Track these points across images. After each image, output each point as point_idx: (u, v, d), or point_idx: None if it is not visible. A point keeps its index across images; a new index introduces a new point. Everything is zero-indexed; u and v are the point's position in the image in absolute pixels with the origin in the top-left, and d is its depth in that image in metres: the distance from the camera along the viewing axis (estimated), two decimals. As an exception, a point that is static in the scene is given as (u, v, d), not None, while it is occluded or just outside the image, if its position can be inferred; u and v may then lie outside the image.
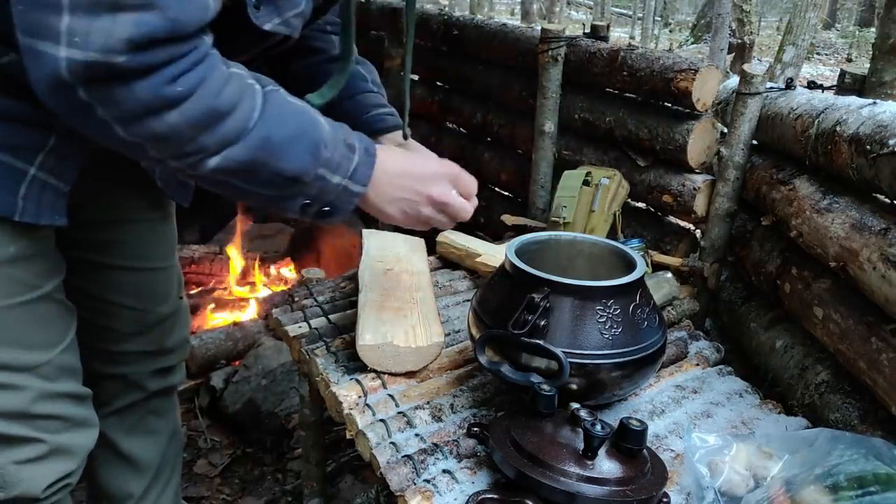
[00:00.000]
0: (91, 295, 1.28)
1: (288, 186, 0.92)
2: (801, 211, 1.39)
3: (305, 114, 0.92)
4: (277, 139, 0.87)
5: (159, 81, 0.76)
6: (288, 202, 0.94)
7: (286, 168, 0.89)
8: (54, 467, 1.10)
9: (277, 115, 0.88)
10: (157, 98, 0.76)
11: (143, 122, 0.78)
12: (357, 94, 1.27)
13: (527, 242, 1.22)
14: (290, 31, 0.99)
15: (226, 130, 0.83)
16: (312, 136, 0.91)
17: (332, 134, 0.94)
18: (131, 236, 1.30)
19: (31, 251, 1.01)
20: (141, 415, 1.46)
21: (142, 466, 1.48)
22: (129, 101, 0.76)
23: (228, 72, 0.84)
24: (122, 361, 1.38)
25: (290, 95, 0.93)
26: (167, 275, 1.39)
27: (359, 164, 0.97)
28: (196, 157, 0.84)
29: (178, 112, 0.78)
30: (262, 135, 0.86)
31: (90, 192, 1.16)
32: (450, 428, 1.11)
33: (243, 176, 0.88)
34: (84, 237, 1.22)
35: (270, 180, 0.90)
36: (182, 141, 0.81)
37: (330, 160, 0.93)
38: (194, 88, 0.78)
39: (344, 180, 0.95)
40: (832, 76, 9.53)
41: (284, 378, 2.31)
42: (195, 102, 0.79)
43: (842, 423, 1.21)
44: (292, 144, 0.89)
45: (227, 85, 0.82)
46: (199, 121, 0.80)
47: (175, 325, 1.43)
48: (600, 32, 2.08)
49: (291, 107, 0.91)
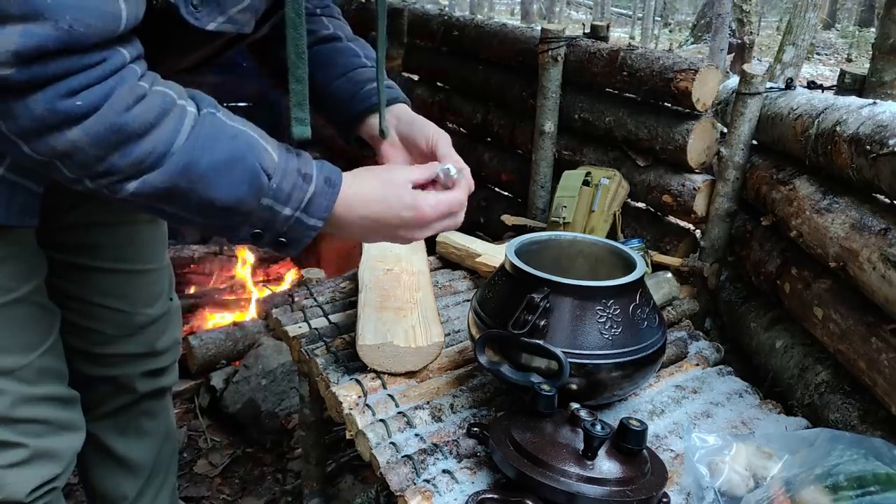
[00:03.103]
0: (79, 297, 1.26)
1: (225, 216, 0.85)
2: (801, 211, 1.39)
3: (244, 139, 0.85)
4: (204, 166, 0.80)
5: (54, 95, 0.71)
6: (232, 231, 0.89)
7: (216, 197, 0.82)
8: (38, 471, 1.09)
9: (207, 140, 0.81)
10: (52, 113, 0.71)
11: (43, 138, 0.73)
12: (349, 72, 1.17)
13: (527, 242, 1.22)
14: (237, 28, 0.92)
15: (140, 153, 0.77)
16: (250, 163, 0.84)
17: (281, 163, 0.87)
18: (120, 238, 1.27)
19: (4, 253, 0.99)
20: (133, 417, 1.45)
21: (136, 468, 1.47)
22: (24, 115, 0.71)
23: (147, 88, 0.77)
24: (111, 364, 1.36)
25: (232, 118, 0.86)
26: (157, 276, 1.37)
27: (315, 196, 0.89)
28: (110, 179, 0.78)
29: (80, 129, 0.73)
30: (185, 160, 0.79)
31: (76, 194, 1.15)
32: (450, 428, 1.11)
33: (170, 203, 0.82)
34: (71, 240, 1.20)
35: (201, 208, 0.83)
36: (89, 160, 0.76)
37: (277, 190, 0.86)
38: (98, 104, 0.73)
39: (297, 213, 0.88)
40: (832, 76, 9.53)
41: (284, 378, 2.31)
42: (99, 119, 0.73)
43: (842, 423, 1.21)
44: (224, 173, 0.82)
45: (139, 103, 0.76)
46: (105, 139, 0.75)
47: (166, 326, 1.41)
48: (600, 32, 2.08)
49: (228, 131, 0.84)
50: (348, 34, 1.24)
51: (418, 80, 2.95)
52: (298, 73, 0.92)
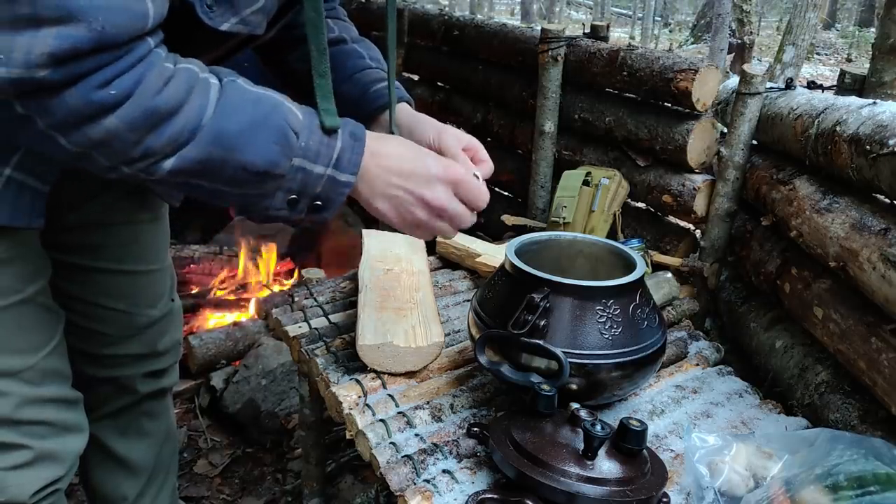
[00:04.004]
0: (81, 299, 1.26)
1: (259, 182, 0.86)
2: (801, 211, 1.39)
3: (268, 101, 0.86)
4: (235, 132, 0.82)
5: (88, 88, 0.73)
6: (268, 200, 0.88)
7: (251, 161, 0.83)
8: (42, 473, 1.08)
9: (233, 105, 0.82)
10: (88, 104, 0.73)
11: (80, 130, 0.75)
12: (354, 74, 1.18)
13: (527, 242, 1.22)
14: (250, 29, 0.93)
15: (174, 130, 0.78)
16: (277, 123, 0.84)
17: (306, 121, 0.87)
18: (122, 239, 1.27)
19: (10, 255, 0.99)
20: (134, 417, 1.45)
21: (136, 469, 1.47)
22: (60, 109, 0.73)
23: (173, 69, 0.79)
24: (113, 365, 1.36)
25: (251, 84, 0.87)
26: (159, 277, 1.37)
27: (343, 151, 0.89)
28: (148, 161, 0.80)
29: (116, 116, 0.75)
30: (215, 129, 0.80)
31: (79, 194, 1.15)
32: (450, 428, 1.11)
33: (206, 176, 0.84)
34: (73, 241, 1.20)
35: (237, 177, 0.84)
36: (127, 145, 0.77)
37: (306, 148, 0.86)
38: (130, 91, 0.75)
39: (328, 170, 0.88)
40: (832, 76, 9.53)
41: (284, 378, 2.31)
42: (133, 105, 0.75)
43: (842, 423, 1.21)
44: (254, 135, 0.83)
45: (169, 83, 0.78)
46: (141, 123, 0.76)
47: (167, 327, 1.41)
48: (600, 32, 2.08)
49: (250, 95, 0.85)
50: (353, 36, 1.25)
51: (418, 80, 2.95)
52: (321, 68, 0.93)
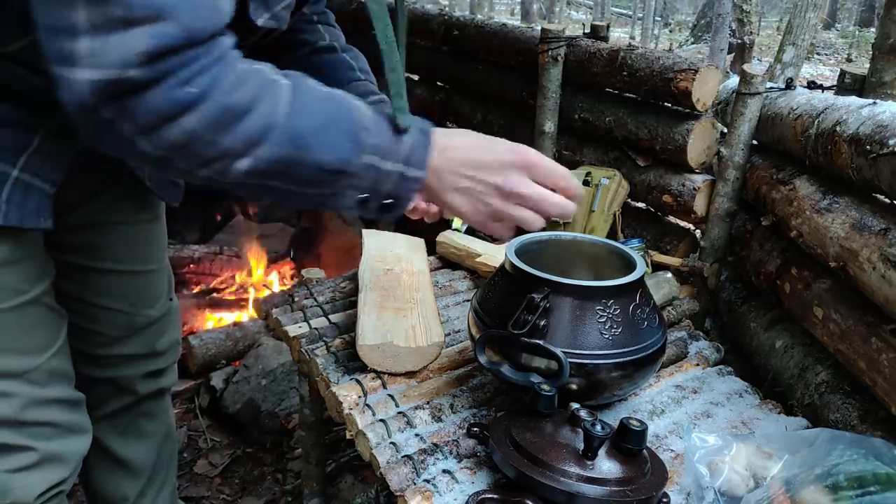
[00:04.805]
0: (79, 299, 1.26)
1: (333, 181, 0.85)
2: (801, 211, 1.39)
3: (338, 99, 0.86)
4: (308, 130, 0.82)
5: (171, 86, 0.73)
6: (339, 199, 0.88)
7: (324, 160, 0.83)
8: (47, 475, 1.08)
9: (305, 104, 0.83)
10: (171, 103, 0.74)
11: (161, 131, 0.75)
12: (344, 85, 1.17)
13: (527, 242, 1.22)
14: (279, 24, 0.95)
15: (248, 129, 0.79)
16: (349, 121, 0.84)
17: (374, 117, 0.87)
18: (120, 239, 1.27)
19: (17, 255, 0.99)
20: (133, 418, 1.44)
21: (136, 469, 1.47)
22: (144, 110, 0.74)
23: (247, 69, 0.80)
24: (112, 365, 1.36)
25: (319, 84, 0.87)
26: (157, 277, 1.37)
27: (414, 147, 0.89)
28: (223, 162, 0.80)
29: (195, 115, 0.75)
30: (290, 129, 0.81)
31: (77, 194, 1.15)
32: (450, 428, 1.11)
33: (281, 177, 0.83)
34: (71, 240, 1.21)
35: (312, 177, 0.84)
36: (204, 145, 0.78)
37: (377, 146, 0.86)
38: (208, 89, 0.76)
39: (398, 165, 0.87)
40: (832, 76, 9.53)
41: (284, 378, 2.31)
42: (210, 103, 0.76)
43: (842, 423, 1.21)
44: (326, 133, 0.83)
45: (243, 82, 0.78)
46: (217, 121, 0.77)
47: (166, 327, 1.41)
48: (600, 32, 2.08)
49: (321, 94, 0.86)
50: (343, 44, 1.25)
51: (418, 79, 2.95)
52: (392, 62, 0.94)
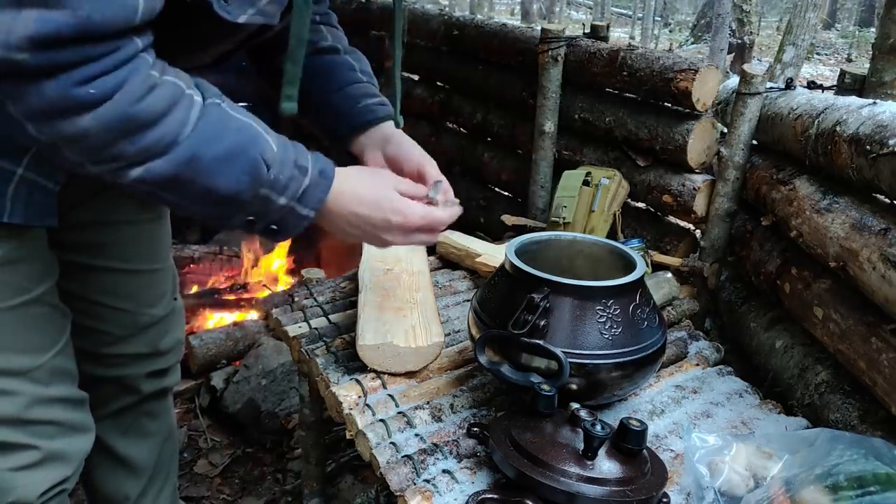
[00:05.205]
0: (83, 298, 1.25)
1: (223, 205, 0.87)
2: (801, 211, 1.39)
3: (247, 131, 0.87)
4: (209, 157, 0.82)
5: (68, 82, 0.71)
6: (226, 220, 0.91)
7: (218, 187, 0.84)
8: (49, 474, 1.08)
9: (213, 131, 0.83)
10: (65, 99, 0.72)
11: (52, 123, 0.74)
12: (346, 87, 1.20)
13: (527, 242, 1.22)
14: (266, 19, 0.93)
15: (148, 141, 0.78)
16: (252, 155, 0.85)
17: (280, 153, 0.89)
18: (123, 238, 1.27)
19: (20, 254, 0.99)
20: (136, 417, 1.44)
21: (138, 469, 1.47)
22: (36, 99, 0.72)
23: (158, 79, 0.78)
24: (115, 364, 1.36)
25: (236, 109, 0.87)
26: (161, 276, 1.37)
27: (309, 187, 0.91)
28: (115, 165, 0.79)
29: (92, 116, 0.74)
30: (191, 151, 0.81)
31: (80, 193, 1.15)
32: (450, 428, 1.11)
33: (170, 191, 0.84)
34: (75, 239, 1.20)
35: (202, 197, 0.85)
36: (97, 146, 0.77)
37: (275, 181, 0.88)
38: (111, 93, 0.73)
39: (290, 202, 0.90)
40: (832, 76, 9.53)
41: (284, 378, 2.31)
42: (111, 108, 0.74)
43: (842, 423, 1.21)
44: (227, 163, 0.84)
45: (151, 92, 0.77)
46: (116, 127, 0.75)
47: (169, 326, 1.41)
48: (600, 32, 2.08)
49: (233, 123, 0.86)
50: (345, 46, 1.26)
51: (418, 79, 2.95)
52: (296, 55, 0.95)
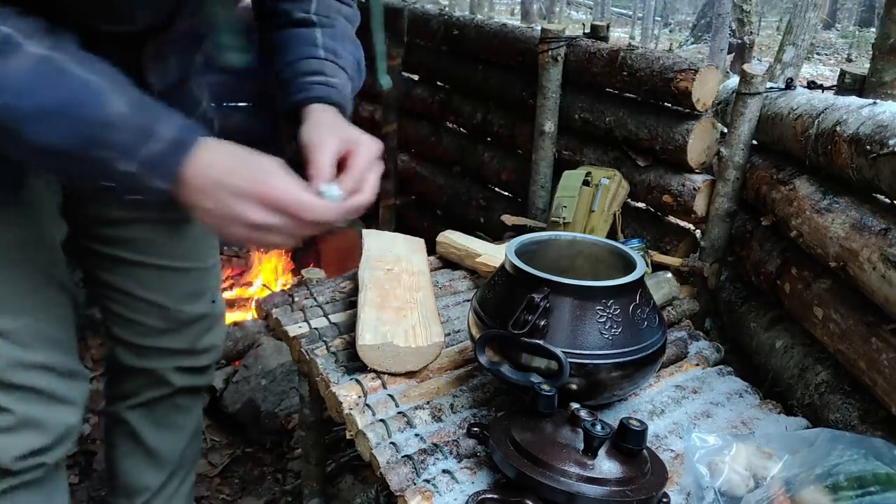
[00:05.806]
0: (123, 290, 1.31)
1: (51, 159, 0.84)
2: (801, 211, 1.39)
3: (87, 87, 0.81)
4: (27, 108, 0.78)
5: None
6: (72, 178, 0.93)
7: (38, 140, 0.80)
8: (24, 440, 1.09)
9: (40, 82, 0.79)
10: None
11: None
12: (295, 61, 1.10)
13: (527, 242, 1.22)
14: None
15: None
16: (85, 113, 0.80)
17: (131, 117, 0.82)
18: (160, 235, 1.30)
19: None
20: (167, 409, 1.48)
21: (162, 460, 1.50)
22: None
23: None
24: (151, 356, 1.40)
25: (85, 65, 0.82)
26: (198, 275, 1.39)
27: (163, 154, 0.83)
28: None
29: None
30: (4, 99, 0.77)
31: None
32: (450, 428, 1.11)
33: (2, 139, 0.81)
34: (115, 234, 1.25)
35: (31, 151, 0.82)
36: None
37: (116, 144, 0.81)
38: None
39: (137, 168, 0.83)
40: (832, 76, 9.53)
41: (284, 378, 2.31)
42: None
43: (842, 423, 1.21)
44: (51, 118, 0.79)
45: None
46: None
47: (209, 327, 1.44)
48: (600, 32, 2.08)
49: (69, 78, 0.81)
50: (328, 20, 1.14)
51: (418, 79, 2.95)
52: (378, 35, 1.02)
